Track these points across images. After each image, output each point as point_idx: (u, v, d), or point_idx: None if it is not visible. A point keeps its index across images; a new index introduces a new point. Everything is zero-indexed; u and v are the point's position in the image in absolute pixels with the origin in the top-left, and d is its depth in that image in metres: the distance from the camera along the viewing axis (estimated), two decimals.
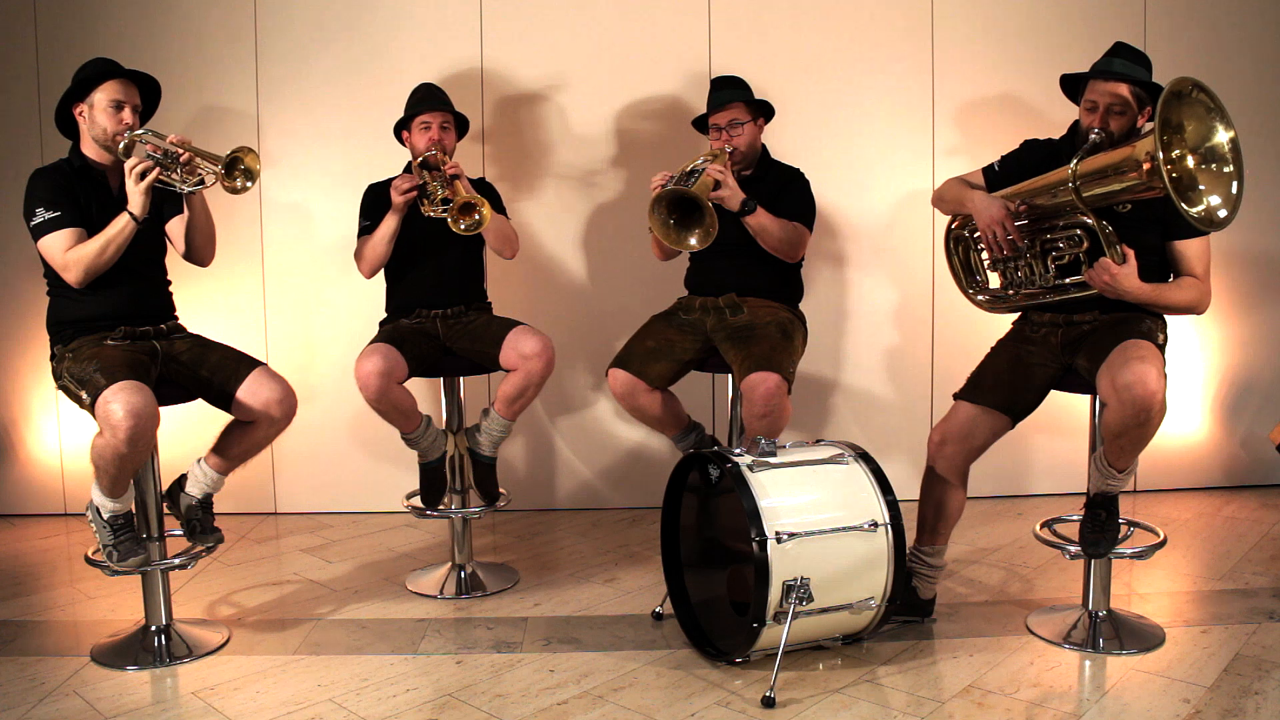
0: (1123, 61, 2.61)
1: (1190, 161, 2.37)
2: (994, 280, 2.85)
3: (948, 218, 2.96)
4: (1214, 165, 2.38)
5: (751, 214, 3.02)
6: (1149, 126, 2.34)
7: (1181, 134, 2.36)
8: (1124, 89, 2.57)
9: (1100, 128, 2.57)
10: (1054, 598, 3.02)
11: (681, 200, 2.91)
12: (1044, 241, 2.66)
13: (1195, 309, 2.63)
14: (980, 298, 2.89)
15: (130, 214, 2.64)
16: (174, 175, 2.69)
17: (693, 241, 2.92)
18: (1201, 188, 2.36)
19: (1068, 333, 2.69)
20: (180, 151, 2.68)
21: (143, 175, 2.62)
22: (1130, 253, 2.50)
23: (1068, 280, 2.63)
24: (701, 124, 3.28)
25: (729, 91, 3.16)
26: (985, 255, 2.81)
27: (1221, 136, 2.38)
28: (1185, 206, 2.30)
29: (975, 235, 2.85)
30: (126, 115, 2.71)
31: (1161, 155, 2.27)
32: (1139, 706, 2.36)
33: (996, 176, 2.81)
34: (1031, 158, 2.75)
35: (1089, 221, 2.54)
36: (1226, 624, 2.81)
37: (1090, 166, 2.47)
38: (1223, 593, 3.05)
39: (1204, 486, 4.18)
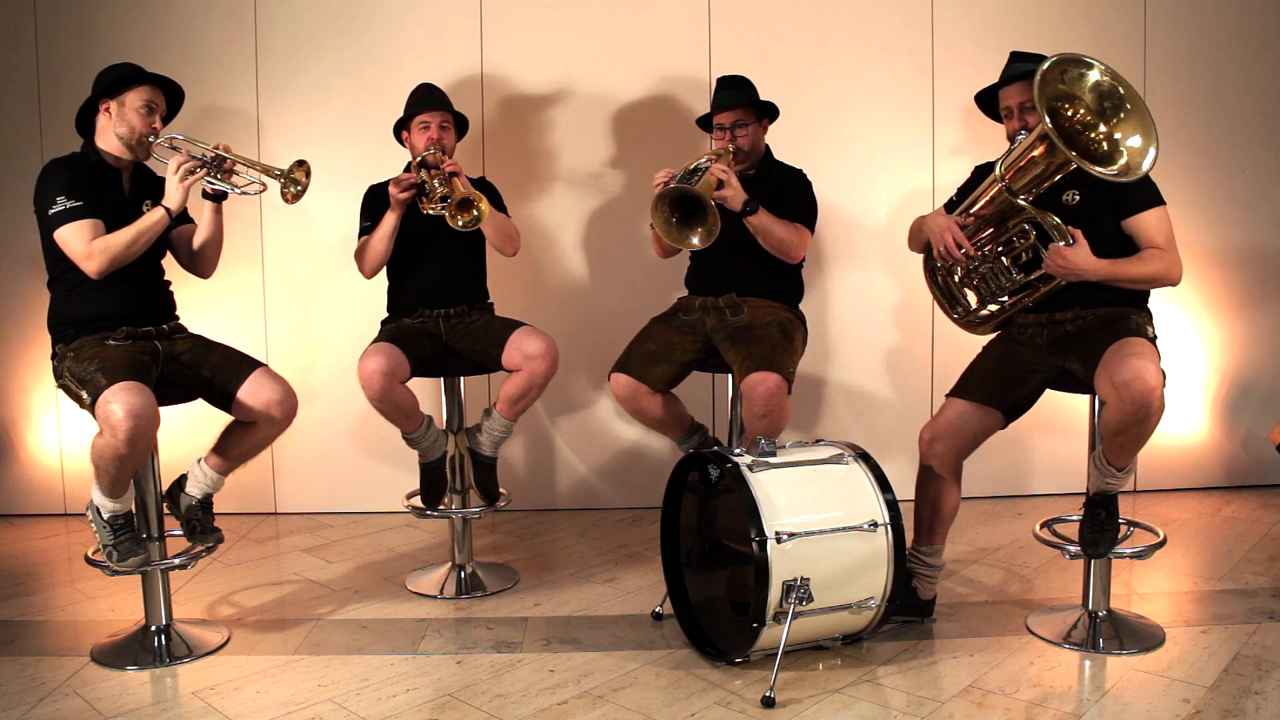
0: (1023, 64, 2.69)
1: (1103, 126, 2.45)
2: (973, 299, 2.88)
3: (920, 251, 3.01)
4: (1120, 110, 2.44)
5: (753, 214, 3.02)
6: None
7: (1079, 102, 2.45)
8: (1027, 86, 2.62)
9: (1020, 128, 2.66)
10: (1054, 598, 3.02)
11: (684, 198, 2.91)
12: (1000, 245, 2.72)
13: (1165, 279, 2.62)
14: (969, 319, 2.90)
15: (165, 208, 2.68)
16: (222, 179, 2.76)
17: (695, 240, 2.92)
18: (1130, 144, 2.43)
19: (1052, 332, 2.71)
20: (226, 158, 2.74)
21: (189, 174, 2.68)
22: (1078, 233, 2.54)
23: (1033, 276, 2.67)
24: (706, 122, 3.28)
25: (735, 92, 3.16)
26: (957, 275, 2.84)
27: (1094, 76, 2.45)
28: (1100, 168, 2.38)
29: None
30: (156, 120, 2.76)
31: (1049, 124, 2.35)
32: (1139, 706, 2.36)
33: (955, 206, 2.88)
34: (983, 180, 2.79)
35: (1033, 214, 2.59)
36: (1226, 624, 2.81)
37: (1011, 163, 2.57)
38: (1223, 593, 3.05)
39: (1204, 486, 4.18)
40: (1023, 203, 2.59)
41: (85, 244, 2.63)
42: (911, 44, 3.97)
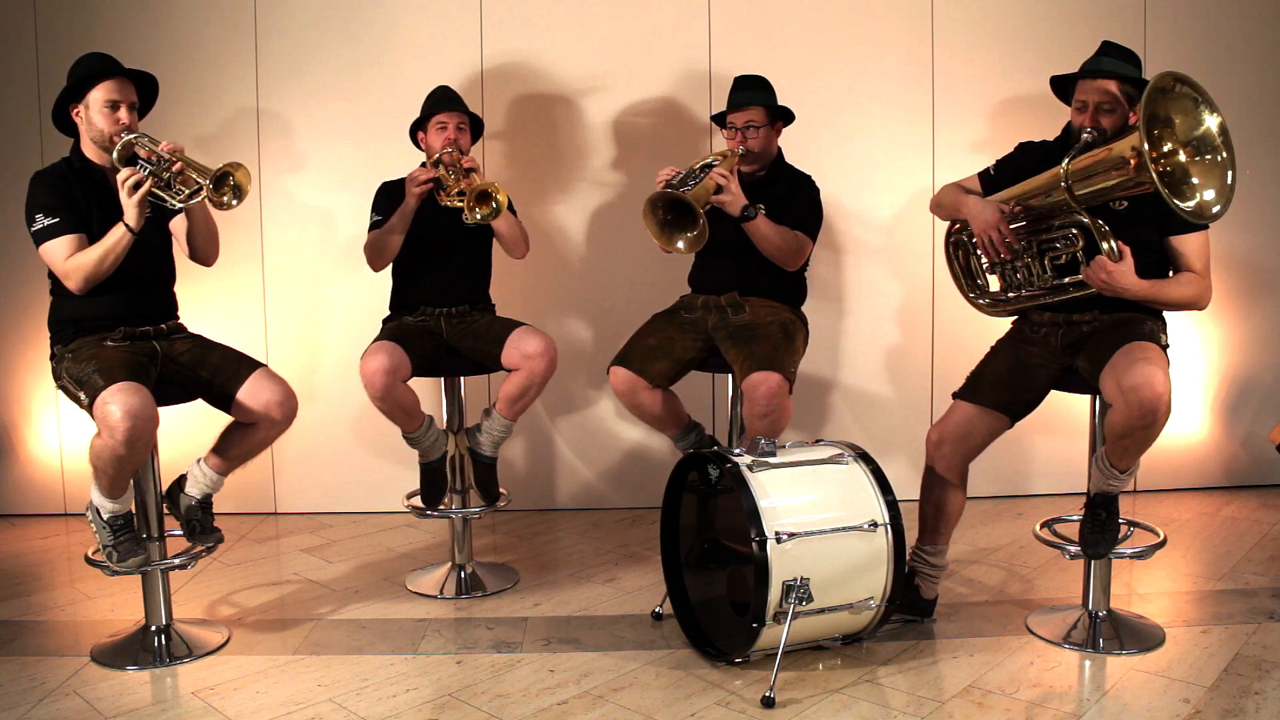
0: (1111, 60, 2.63)
1: (1182, 156, 2.38)
2: (994, 283, 2.85)
3: (948, 221, 2.97)
4: (1206, 156, 2.38)
5: (751, 220, 3.02)
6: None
7: (1171, 128, 2.37)
8: (1113, 86, 2.58)
9: (1092, 126, 2.58)
10: (1054, 598, 3.02)
11: (678, 202, 2.92)
12: (1040, 242, 2.67)
13: (1196, 304, 2.62)
14: (981, 301, 2.89)
15: (126, 225, 2.62)
16: (166, 191, 2.66)
17: (680, 245, 2.93)
18: (1195, 181, 2.37)
19: (1068, 333, 2.69)
20: (173, 160, 2.65)
21: (135, 187, 2.60)
22: (1126, 249, 2.51)
23: (1066, 280, 2.63)
24: (722, 119, 3.27)
25: (750, 93, 3.14)
26: (984, 259, 2.82)
27: (1210, 123, 2.38)
28: (1176, 201, 2.31)
29: (973, 240, 2.85)
30: (123, 114, 2.69)
31: (1148, 149, 2.28)
32: (1139, 706, 2.36)
33: (992, 181, 2.83)
34: (1026, 160, 2.76)
35: (1084, 220, 2.55)
36: (1226, 624, 2.81)
37: (1081, 165, 2.49)
38: (1223, 593, 3.05)
39: (1204, 486, 4.18)
40: (1080, 206, 2.52)
41: (62, 262, 2.64)
42: (911, 44, 3.97)
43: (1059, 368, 2.72)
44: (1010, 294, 2.77)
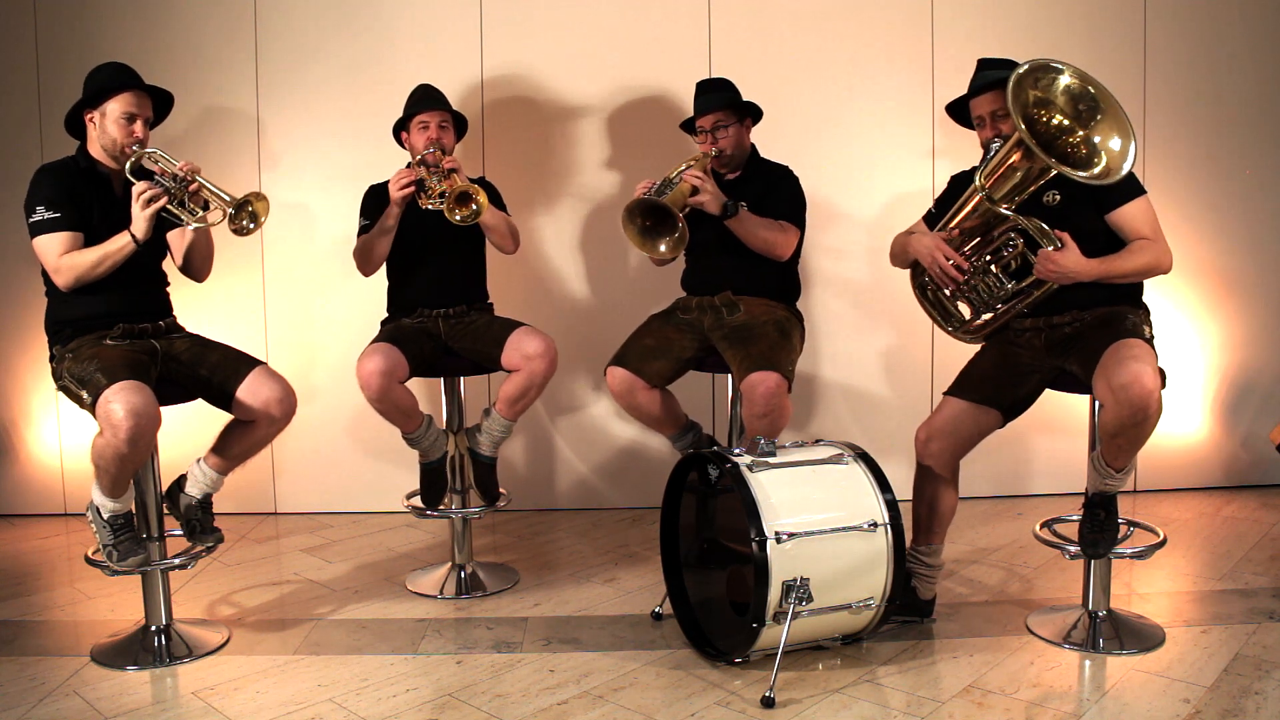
0: (992, 71, 2.68)
1: (1081, 130, 2.45)
2: (966, 311, 2.87)
3: (907, 268, 3.00)
4: (1095, 113, 2.44)
5: (733, 217, 3.02)
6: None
7: (1053, 108, 2.44)
8: (998, 95, 2.62)
9: (995, 136, 2.65)
10: (1054, 598, 3.02)
11: (654, 208, 2.93)
12: (989, 255, 2.71)
13: (1156, 268, 2.61)
14: (963, 330, 2.90)
15: (132, 235, 2.64)
16: (180, 210, 2.68)
17: (662, 248, 2.96)
18: (1111, 144, 2.43)
19: (1050, 335, 2.71)
20: (190, 181, 2.68)
21: (150, 201, 2.62)
22: (1065, 236, 2.53)
23: (1025, 283, 2.66)
24: (691, 126, 3.28)
25: (713, 95, 3.16)
26: (947, 289, 2.84)
27: (1066, 80, 2.46)
28: (1080, 173, 2.39)
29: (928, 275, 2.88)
30: (138, 128, 2.71)
31: (1024, 128, 2.35)
32: (1139, 706, 2.36)
33: (934, 218, 2.88)
34: (960, 190, 2.79)
35: (1016, 222, 2.58)
36: (1226, 624, 2.81)
37: (991, 172, 2.56)
38: (1223, 593, 3.05)
39: (1204, 486, 4.18)
40: (1006, 211, 2.57)
41: (55, 258, 2.65)
42: (911, 44, 3.97)
43: (1049, 368, 2.73)
44: (985, 315, 2.79)
